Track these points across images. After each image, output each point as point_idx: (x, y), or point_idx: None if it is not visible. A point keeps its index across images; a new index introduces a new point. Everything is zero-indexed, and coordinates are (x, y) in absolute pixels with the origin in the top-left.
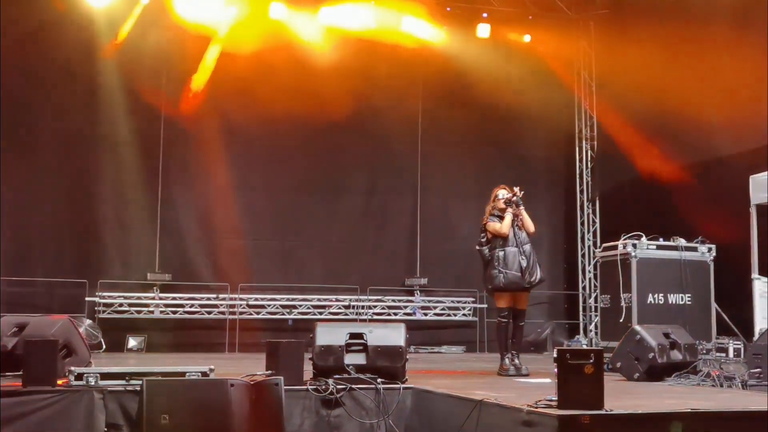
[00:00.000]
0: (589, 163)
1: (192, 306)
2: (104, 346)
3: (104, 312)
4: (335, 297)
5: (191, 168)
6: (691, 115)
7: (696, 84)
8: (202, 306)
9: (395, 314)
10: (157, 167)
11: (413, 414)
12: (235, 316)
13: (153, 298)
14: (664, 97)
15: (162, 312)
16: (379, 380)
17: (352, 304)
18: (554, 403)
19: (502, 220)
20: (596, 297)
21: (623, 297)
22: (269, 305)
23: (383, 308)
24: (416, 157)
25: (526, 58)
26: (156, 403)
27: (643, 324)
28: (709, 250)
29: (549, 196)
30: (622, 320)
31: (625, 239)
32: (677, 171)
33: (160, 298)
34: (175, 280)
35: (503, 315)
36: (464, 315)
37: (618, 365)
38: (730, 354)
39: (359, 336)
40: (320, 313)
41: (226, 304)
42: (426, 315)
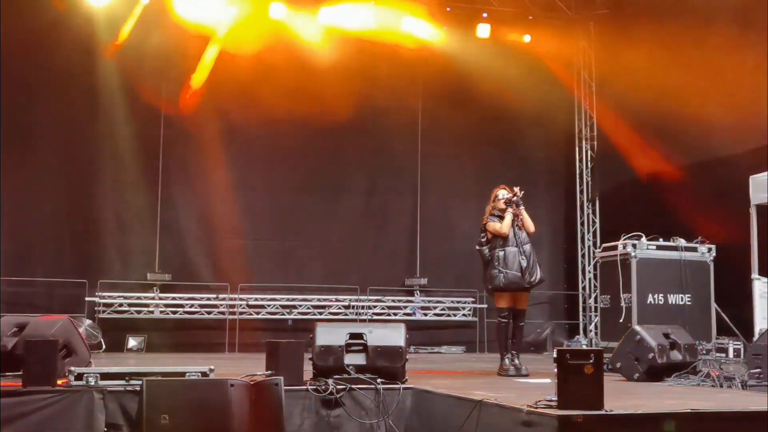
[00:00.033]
0: (589, 163)
1: (192, 306)
2: (104, 346)
3: (104, 312)
4: (335, 297)
5: (191, 168)
6: (691, 115)
7: (696, 84)
8: (202, 306)
9: (395, 314)
10: (157, 167)
11: (413, 414)
12: (235, 316)
13: (153, 298)
14: (664, 96)
15: (162, 312)
16: (378, 380)
17: (352, 304)
18: (554, 404)
19: (502, 220)
20: (596, 297)
21: (623, 297)
22: (269, 305)
23: (383, 308)
24: (416, 157)
25: (526, 58)
26: (156, 403)
27: (643, 324)
28: (709, 250)
29: (549, 197)
30: (622, 320)
31: (624, 239)
32: (677, 171)
33: (160, 298)
34: (175, 280)
35: (503, 315)
36: (464, 315)
37: (618, 365)
38: (730, 354)
39: (359, 336)
40: (320, 313)
41: (226, 304)
42: (426, 315)
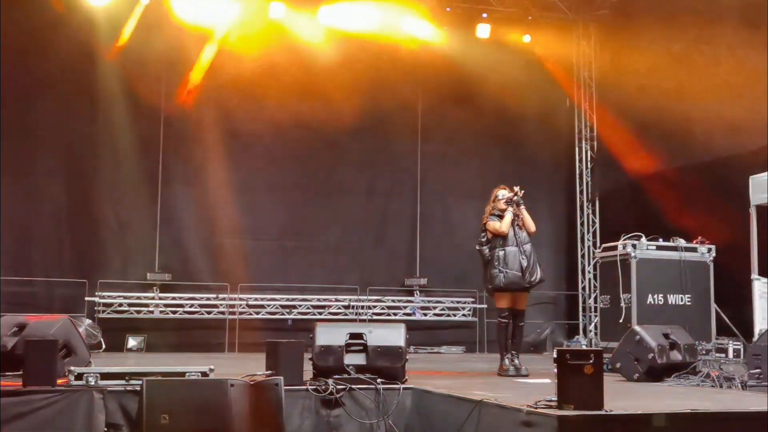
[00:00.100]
0: (588, 164)
1: (192, 306)
2: (104, 346)
3: (104, 312)
4: (335, 297)
5: (191, 168)
6: (691, 115)
7: (696, 84)
8: (202, 306)
9: (395, 314)
10: (157, 167)
11: (413, 414)
12: (234, 316)
13: (153, 298)
14: (663, 97)
15: (162, 312)
16: (378, 380)
17: (352, 304)
18: (554, 404)
19: (502, 220)
20: (596, 297)
21: (623, 297)
22: (269, 305)
23: (383, 308)
24: (416, 158)
25: (526, 59)
26: (156, 403)
27: (642, 324)
28: (709, 250)
29: (549, 197)
30: (621, 321)
31: (624, 240)
32: (677, 171)
33: (160, 298)
34: (175, 280)
35: (503, 315)
36: (464, 315)
37: (618, 366)
38: (730, 354)
39: (359, 336)
40: (320, 313)
41: (226, 304)
42: (426, 315)
